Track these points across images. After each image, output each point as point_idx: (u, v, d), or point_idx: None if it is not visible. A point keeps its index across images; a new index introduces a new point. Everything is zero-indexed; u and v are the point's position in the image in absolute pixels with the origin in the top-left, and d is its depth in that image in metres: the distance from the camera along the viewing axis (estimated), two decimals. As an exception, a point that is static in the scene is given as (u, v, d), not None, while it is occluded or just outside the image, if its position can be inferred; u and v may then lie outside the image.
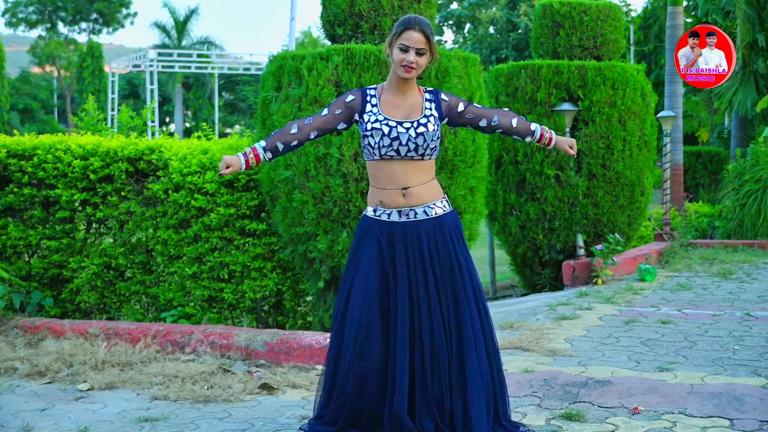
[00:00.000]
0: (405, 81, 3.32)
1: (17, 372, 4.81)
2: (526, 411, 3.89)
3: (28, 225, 6.35)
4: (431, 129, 3.29)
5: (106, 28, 53.42)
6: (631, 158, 8.39)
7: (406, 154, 3.28)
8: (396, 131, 3.27)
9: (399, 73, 3.29)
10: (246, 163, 3.31)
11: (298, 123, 3.37)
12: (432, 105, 3.36)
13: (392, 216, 3.34)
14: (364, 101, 3.35)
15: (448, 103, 3.39)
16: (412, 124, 3.28)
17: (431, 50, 3.29)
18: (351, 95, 3.37)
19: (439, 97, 3.39)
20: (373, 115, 3.31)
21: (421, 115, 3.32)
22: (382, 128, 3.28)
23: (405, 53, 3.26)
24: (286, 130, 3.36)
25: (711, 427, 3.61)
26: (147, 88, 29.26)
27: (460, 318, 3.30)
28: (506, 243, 8.91)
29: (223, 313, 6.15)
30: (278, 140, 3.34)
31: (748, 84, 17.12)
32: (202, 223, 5.94)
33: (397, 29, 3.28)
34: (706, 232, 12.50)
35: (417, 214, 3.33)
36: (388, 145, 3.27)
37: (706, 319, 5.89)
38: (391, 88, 3.36)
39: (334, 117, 3.37)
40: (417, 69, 3.28)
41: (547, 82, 8.40)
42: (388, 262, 3.31)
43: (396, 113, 3.32)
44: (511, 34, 31.86)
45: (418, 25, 3.26)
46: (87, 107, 9.00)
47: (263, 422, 3.85)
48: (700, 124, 27.22)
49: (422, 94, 3.38)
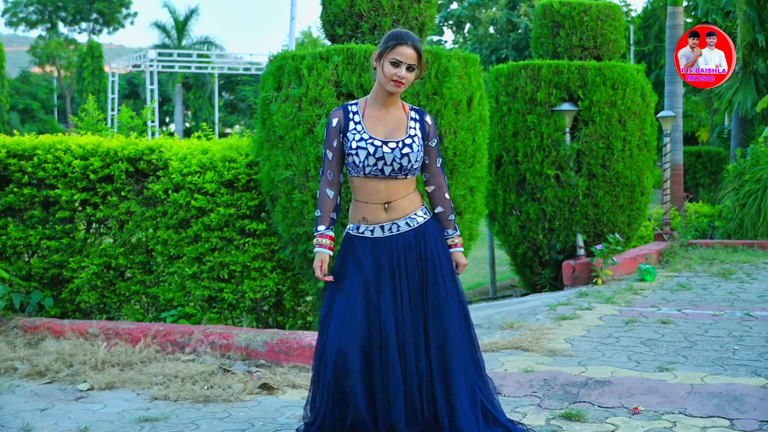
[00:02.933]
0: (390, 95, 3.32)
1: (17, 372, 4.81)
2: (526, 411, 3.89)
3: (28, 225, 6.34)
4: (416, 149, 3.30)
5: (106, 28, 53.47)
6: (631, 158, 8.39)
7: (390, 173, 3.30)
8: (381, 151, 3.27)
9: (387, 87, 3.29)
10: (330, 249, 3.41)
11: (324, 185, 3.42)
12: (417, 125, 3.36)
13: (375, 232, 3.36)
14: (346, 120, 3.35)
15: (430, 129, 3.39)
16: (397, 144, 3.28)
17: (421, 67, 3.31)
18: (334, 118, 3.37)
19: (424, 118, 3.39)
20: (357, 134, 3.31)
21: (405, 135, 3.32)
22: (368, 147, 3.28)
23: (396, 68, 3.25)
24: (325, 198, 3.42)
25: (711, 427, 3.61)
26: (147, 88, 29.27)
27: (445, 324, 3.30)
28: (506, 243, 8.91)
29: (223, 313, 6.15)
30: (329, 212, 3.43)
31: (748, 84, 17.12)
32: (202, 223, 5.94)
33: (388, 43, 3.27)
34: (706, 232, 12.51)
35: (400, 227, 3.35)
36: (373, 164, 3.28)
37: (706, 319, 5.89)
38: (376, 103, 3.36)
39: (338, 150, 3.38)
40: (405, 84, 3.29)
41: (547, 82, 8.40)
42: (372, 280, 3.31)
43: (380, 130, 3.32)
44: (511, 34, 31.86)
45: (411, 41, 3.27)
46: (87, 107, 8.99)
47: (263, 422, 3.85)
48: (700, 124, 27.23)
49: (407, 112, 3.38)
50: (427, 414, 3.29)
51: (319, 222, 3.43)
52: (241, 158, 6.00)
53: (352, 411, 3.25)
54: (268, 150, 5.73)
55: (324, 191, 3.42)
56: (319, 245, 3.40)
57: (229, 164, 5.96)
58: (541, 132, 8.37)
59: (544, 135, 8.36)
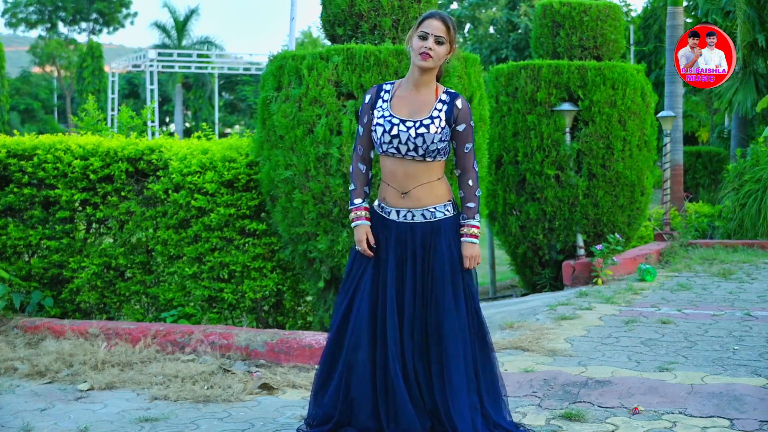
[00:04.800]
0: (422, 74, 3.29)
1: (17, 372, 4.81)
2: (526, 411, 3.89)
3: (28, 225, 6.34)
4: (433, 131, 3.25)
5: (106, 28, 53.44)
6: (631, 158, 8.39)
7: (406, 153, 3.28)
8: (397, 129, 3.26)
9: (416, 62, 3.26)
10: (367, 219, 3.40)
11: (356, 159, 3.43)
12: (444, 107, 3.30)
13: (391, 215, 3.36)
14: (377, 97, 3.37)
15: (459, 113, 3.31)
16: (414, 124, 3.26)
17: (451, 41, 3.28)
18: (368, 95, 3.41)
19: (454, 101, 3.32)
20: (380, 111, 3.32)
21: (427, 115, 3.28)
22: (384, 125, 3.28)
23: (424, 40, 3.24)
24: (357, 173, 3.43)
25: (711, 427, 3.61)
26: (147, 88, 29.26)
27: (444, 319, 3.29)
28: (506, 243, 8.91)
29: (223, 313, 6.15)
30: (362, 186, 3.43)
31: (748, 84, 17.12)
32: (202, 223, 5.94)
33: (419, 21, 3.30)
34: (706, 232, 12.51)
35: (414, 217, 3.33)
36: (388, 142, 3.28)
37: (706, 319, 5.89)
38: (408, 83, 3.35)
39: (368, 126, 3.39)
40: (435, 58, 3.25)
41: (547, 82, 8.40)
42: (382, 259, 3.34)
43: (403, 110, 3.30)
44: (511, 34, 31.86)
45: (438, 15, 3.27)
46: (87, 107, 8.99)
47: (263, 422, 3.85)
48: (700, 124, 27.22)
49: (438, 95, 3.33)
50: (428, 403, 3.30)
51: (354, 195, 3.43)
52: (241, 158, 6.00)
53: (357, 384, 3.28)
54: (268, 150, 5.73)
55: (356, 165, 3.44)
56: (357, 218, 3.40)
57: (229, 164, 5.96)
58: (541, 132, 8.38)
59: (544, 135, 8.36)
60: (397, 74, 5.53)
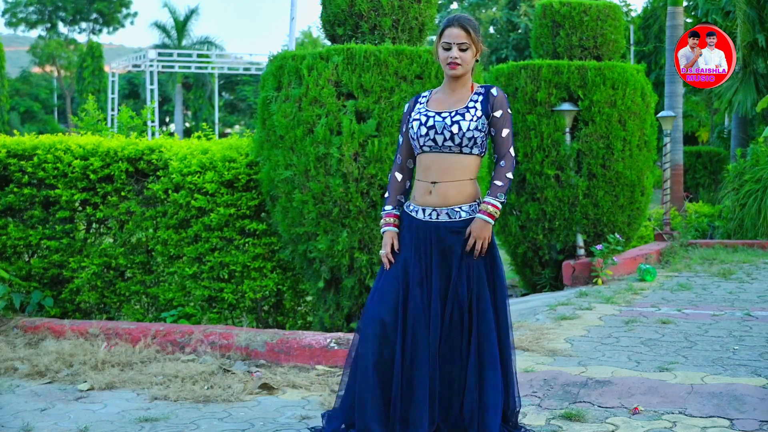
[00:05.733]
0: (455, 79, 3.35)
1: (17, 372, 4.81)
2: (526, 411, 3.88)
3: (28, 225, 6.34)
4: (468, 119, 3.29)
5: (106, 28, 53.43)
6: (631, 158, 8.39)
7: (443, 144, 3.29)
8: (433, 120, 3.31)
9: (446, 72, 3.33)
10: (395, 226, 3.43)
11: (395, 168, 3.48)
12: (479, 98, 3.36)
13: (418, 214, 3.37)
14: (416, 103, 3.45)
15: (494, 100, 3.34)
16: (450, 113, 3.31)
17: (474, 43, 3.31)
18: (407, 104, 3.49)
19: (489, 90, 3.37)
20: (417, 112, 3.39)
21: (463, 106, 3.34)
22: (420, 118, 3.34)
23: (448, 51, 3.29)
24: (393, 181, 3.48)
25: (711, 427, 3.61)
26: (147, 88, 29.28)
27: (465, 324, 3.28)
28: (506, 243, 8.91)
29: (223, 313, 6.15)
30: (396, 194, 3.47)
31: (748, 84, 17.13)
32: (202, 223, 5.94)
33: (439, 30, 3.34)
34: (706, 232, 12.51)
35: (439, 216, 3.33)
36: (425, 134, 3.31)
37: (706, 319, 5.89)
38: (444, 88, 3.42)
39: (407, 135, 3.43)
40: (463, 65, 3.30)
41: (547, 82, 8.40)
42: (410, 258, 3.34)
43: (440, 107, 3.37)
44: (511, 34, 31.87)
45: (456, 21, 3.30)
46: (87, 107, 9.00)
47: (263, 422, 3.85)
48: (700, 124, 27.23)
49: (474, 90, 3.39)
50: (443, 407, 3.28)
51: (386, 202, 3.49)
52: (241, 158, 6.00)
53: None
54: (268, 150, 5.73)
55: (393, 173, 3.49)
56: (385, 224, 3.44)
57: (229, 164, 5.96)
58: (541, 132, 8.37)
59: (544, 135, 8.36)
60: (397, 74, 5.53)
